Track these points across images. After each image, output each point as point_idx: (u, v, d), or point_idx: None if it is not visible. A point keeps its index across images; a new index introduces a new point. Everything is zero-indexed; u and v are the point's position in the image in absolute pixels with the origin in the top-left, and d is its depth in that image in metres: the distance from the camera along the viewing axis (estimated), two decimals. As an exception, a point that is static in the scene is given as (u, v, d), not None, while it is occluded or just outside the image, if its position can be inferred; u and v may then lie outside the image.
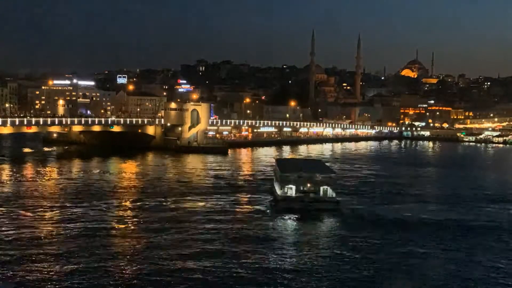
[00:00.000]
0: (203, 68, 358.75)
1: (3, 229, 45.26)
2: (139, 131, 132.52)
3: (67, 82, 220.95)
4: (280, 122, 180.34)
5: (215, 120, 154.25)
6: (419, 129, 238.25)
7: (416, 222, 52.82)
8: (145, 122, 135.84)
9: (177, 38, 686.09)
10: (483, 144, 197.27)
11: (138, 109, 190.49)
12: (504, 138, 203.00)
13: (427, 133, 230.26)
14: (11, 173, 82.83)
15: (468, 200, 67.57)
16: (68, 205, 56.35)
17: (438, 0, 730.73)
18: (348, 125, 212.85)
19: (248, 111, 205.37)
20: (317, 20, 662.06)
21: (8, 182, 72.77)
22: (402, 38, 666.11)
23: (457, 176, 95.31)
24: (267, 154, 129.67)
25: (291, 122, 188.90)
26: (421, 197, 69.09)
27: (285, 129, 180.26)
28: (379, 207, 60.05)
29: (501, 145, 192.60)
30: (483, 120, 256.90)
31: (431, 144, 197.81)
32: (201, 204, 59.11)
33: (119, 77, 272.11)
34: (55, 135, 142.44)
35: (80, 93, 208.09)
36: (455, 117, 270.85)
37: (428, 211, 58.35)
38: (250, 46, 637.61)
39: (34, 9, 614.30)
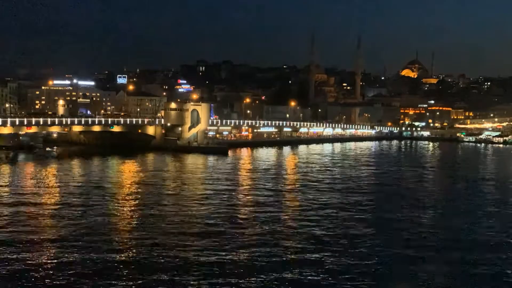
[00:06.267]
0: (203, 68, 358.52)
1: (1, 229, 45.26)
2: (139, 131, 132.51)
3: (67, 82, 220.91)
4: (280, 122, 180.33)
5: (215, 120, 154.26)
6: (419, 129, 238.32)
7: None
8: (145, 122, 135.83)
9: (177, 38, 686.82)
10: (483, 144, 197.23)
11: (138, 109, 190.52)
12: (504, 138, 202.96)
13: (427, 133, 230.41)
14: (11, 173, 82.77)
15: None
16: (67, 205, 56.31)
17: (438, 0, 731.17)
18: (348, 125, 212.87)
19: (248, 111, 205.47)
20: (317, 20, 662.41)
21: (7, 182, 72.69)
22: (402, 38, 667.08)
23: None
24: (268, 155, 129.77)
25: (291, 122, 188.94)
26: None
27: (285, 129, 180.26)
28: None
29: (501, 145, 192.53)
30: (483, 120, 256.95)
31: (431, 144, 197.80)
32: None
33: (119, 77, 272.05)
34: (55, 135, 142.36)
35: (80, 93, 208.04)
36: (455, 117, 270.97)
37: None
38: (250, 46, 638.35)
39: (34, 9, 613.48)
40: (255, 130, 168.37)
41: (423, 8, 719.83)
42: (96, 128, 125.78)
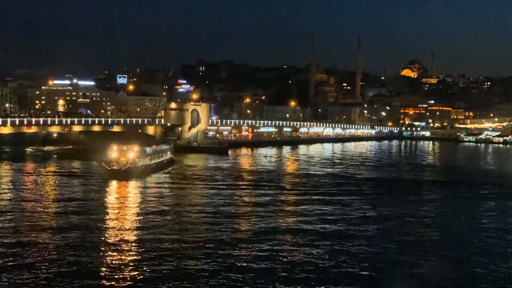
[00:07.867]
0: (203, 68, 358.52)
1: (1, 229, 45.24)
2: (139, 131, 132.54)
3: (67, 82, 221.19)
4: (280, 122, 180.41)
5: (215, 120, 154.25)
6: (419, 129, 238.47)
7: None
8: (145, 122, 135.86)
9: (177, 38, 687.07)
10: (483, 144, 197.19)
11: (138, 109, 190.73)
12: (504, 138, 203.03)
13: (427, 133, 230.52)
14: (11, 172, 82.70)
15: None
16: (66, 204, 56.30)
17: (438, 0, 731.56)
18: (348, 125, 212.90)
19: (248, 111, 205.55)
20: (317, 20, 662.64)
21: (7, 182, 72.63)
22: (402, 38, 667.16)
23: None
24: (268, 155, 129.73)
25: (291, 122, 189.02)
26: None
27: (285, 129, 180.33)
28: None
29: (501, 145, 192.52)
30: (483, 120, 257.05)
31: (431, 144, 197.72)
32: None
33: (119, 77, 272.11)
34: (55, 135, 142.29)
35: (80, 93, 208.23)
36: (455, 117, 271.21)
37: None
38: (250, 46, 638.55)
39: (34, 9, 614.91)
40: (255, 130, 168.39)
41: (423, 8, 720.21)
42: (96, 128, 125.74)
